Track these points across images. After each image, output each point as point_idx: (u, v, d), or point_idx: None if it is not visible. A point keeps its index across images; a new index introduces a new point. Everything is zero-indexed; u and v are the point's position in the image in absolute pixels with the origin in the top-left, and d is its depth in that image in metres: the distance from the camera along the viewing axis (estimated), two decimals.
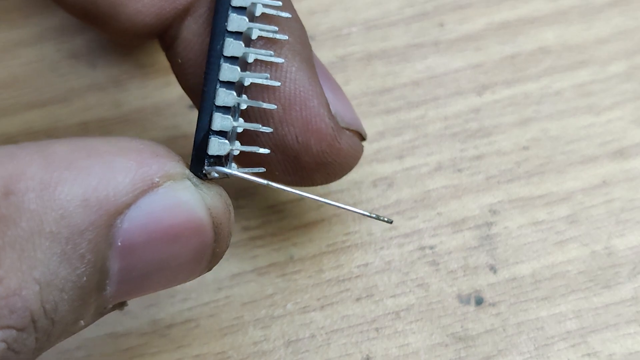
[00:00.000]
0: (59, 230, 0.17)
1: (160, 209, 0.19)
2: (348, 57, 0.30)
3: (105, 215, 0.18)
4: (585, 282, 0.26)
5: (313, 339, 0.26)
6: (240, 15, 0.20)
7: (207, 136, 0.20)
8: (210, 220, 0.20)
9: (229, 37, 0.20)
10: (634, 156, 0.28)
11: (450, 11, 0.31)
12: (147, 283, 0.20)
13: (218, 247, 0.20)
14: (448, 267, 0.27)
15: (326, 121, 0.22)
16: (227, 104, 0.20)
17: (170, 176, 0.19)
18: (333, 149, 0.22)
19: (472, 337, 0.26)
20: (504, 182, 0.28)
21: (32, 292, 0.17)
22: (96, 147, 0.19)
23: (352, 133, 0.24)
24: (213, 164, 0.20)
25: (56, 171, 0.18)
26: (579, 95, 0.29)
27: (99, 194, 0.18)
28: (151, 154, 0.19)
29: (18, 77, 0.29)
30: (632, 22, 0.31)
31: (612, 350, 0.25)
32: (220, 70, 0.20)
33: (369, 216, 0.22)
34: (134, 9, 0.22)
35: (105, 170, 0.18)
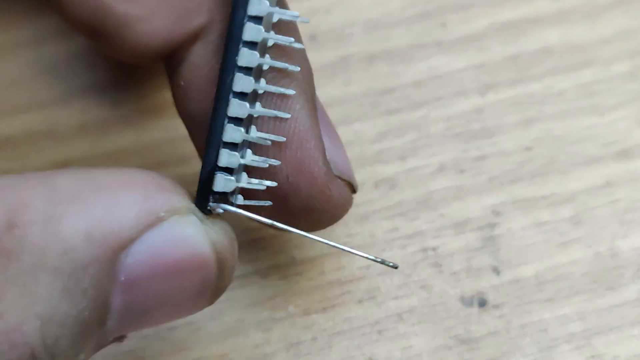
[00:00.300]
0: (62, 265, 0.17)
1: (165, 244, 0.18)
2: (350, 58, 0.30)
3: (110, 250, 0.18)
4: (589, 284, 0.26)
5: (315, 342, 0.26)
6: (251, 50, 0.20)
7: (213, 172, 0.20)
8: (215, 256, 0.19)
9: (239, 72, 0.20)
10: (638, 156, 0.28)
11: (453, 11, 0.31)
12: (149, 318, 0.19)
13: (221, 282, 0.20)
14: (451, 269, 0.26)
15: (320, 165, 0.22)
16: (235, 140, 0.20)
17: (175, 210, 0.19)
18: (323, 196, 0.22)
19: (476, 339, 0.25)
20: (507, 182, 0.28)
21: (33, 327, 0.17)
22: (101, 179, 0.18)
23: (344, 183, 0.23)
24: (218, 200, 0.20)
25: (60, 204, 0.17)
26: (583, 96, 0.29)
27: (103, 228, 0.18)
28: (157, 187, 0.19)
29: (17, 78, 0.29)
30: (636, 22, 0.30)
31: (616, 352, 0.25)
32: (230, 106, 0.20)
33: (375, 260, 0.22)
34: (143, 31, 0.22)
35: (110, 203, 0.18)
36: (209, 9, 0.22)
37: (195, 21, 0.22)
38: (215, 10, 0.22)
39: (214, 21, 0.22)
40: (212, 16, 0.22)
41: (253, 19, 0.20)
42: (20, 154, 0.28)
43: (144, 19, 0.21)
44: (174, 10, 0.22)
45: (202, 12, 0.22)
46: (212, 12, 0.22)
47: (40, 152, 0.28)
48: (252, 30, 0.20)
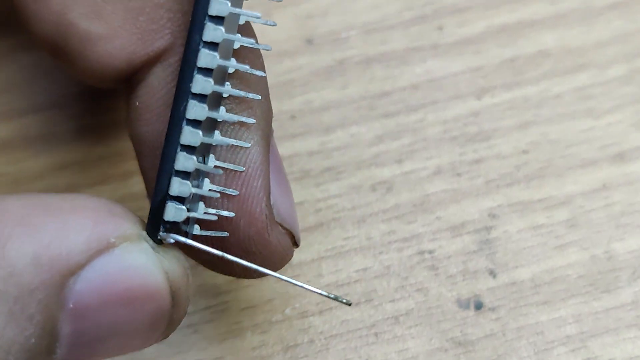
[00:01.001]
0: (7, 288, 0.17)
1: (116, 271, 0.18)
2: (347, 61, 0.30)
3: (57, 275, 0.17)
4: (585, 287, 0.26)
5: (312, 344, 0.26)
6: (206, 77, 0.19)
7: (164, 201, 0.19)
8: (168, 285, 0.19)
9: (193, 99, 0.19)
10: (634, 160, 0.28)
11: (450, 14, 0.31)
12: (100, 348, 0.19)
13: (175, 314, 0.19)
14: (447, 272, 0.27)
15: (262, 206, 0.21)
16: (187, 169, 0.19)
17: (126, 237, 0.18)
18: (260, 239, 0.21)
19: (472, 342, 0.26)
20: (504, 186, 0.28)
21: None
22: (51, 204, 0.18)
23: (285, 232, 0.22)
24: (169, 230, 0.19)
25: (7, 227, 0.17)
26: (579, 99, 0.29)
27: (51, 252, 0.17)
28: (107, 212, 0.18)
29: (14, 82, 0.29)
30: (632, 26, 0.31)
31: (612, 355, 0.25)
32: (182, 134, 0.19)
33: (327, 296, 0.21)
34: (105, 51, 0.21)
35: (60, 228, 0.17)
36: (171, 32, 0.21)
37: (157, 43, 0.21)
38: (177, 34, 0.21)
39: (175, 44, 0.21)
40: (175, 39, 0.21)
41: (209, 44, 0.19)
42: (16, 158, 0.28)
43: (106, 37, 0.21)
44: (137, 31, 0.21)
45: (165, 34, 0.21)
46: (175, 36, 0.21)
47: (37, 156, 0.28)
48: (206, 57, 0.19)
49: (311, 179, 0.28)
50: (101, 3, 0.21)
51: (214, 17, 0.19)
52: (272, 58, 0.29)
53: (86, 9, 0.21)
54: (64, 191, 0.27)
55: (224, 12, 0.19)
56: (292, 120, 0.29)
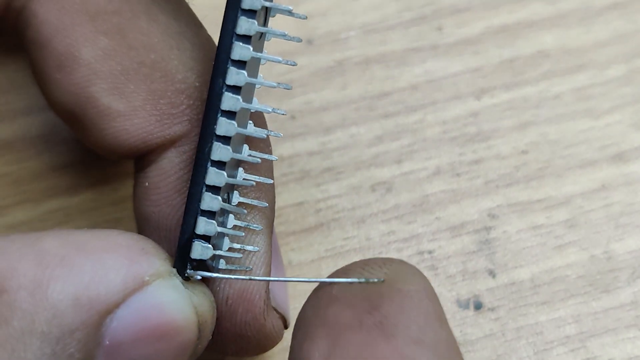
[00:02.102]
0: (50, 330, 0.17)
1: (149, 308, 0.18)
2: (346, 61, 0.30)
3: (96, 315, 0.18)
4: (585, 287, 0.26)
5: None
6: (229, 120, 0.19)
7: (190, 239, 0.20)
8: (196, 319, 0.19)
9: (217, 141, 0.19)
10: (633, 160, 0.28)
11: (449, 15, 0.31)
12: None
13: (200, 345, 0.20)
14: (447, 272, 0.27)
15: (261, 294, 0.21)
16: (212, 209, 0.20)
17: (159, 274, 0.19)
18: (257, 324, 0.21)
19: (471, 341, 0.26)
20: (503, 186, 0.28)
21: None
22: (87, 243, 0.18)
23: (279, 316, 0.23)
24: (196, 267, 0.20)
25: (48, 268, 0.17)
26: (578, 99, 0.29)
27: (90, 292, 0.17)
28: (140, 250, 0.19)
29: (15, 82, 0.29)
30: (631, 26, 0.31)
31: (611, 355, 0.25)
32: (207, 174, 0.20)
33: (358, 282, 0.21)
34: (122, 127, 0.21)
35: (97, 268, 0.18)
36: (189, 119, 0.21)
37: (175, 127, 0.22)
38: (195, 122, 0.22)
39: (192, 132, 0.22)
40: (192, 127, 0.22)
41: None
42: (19, 158, 0.28)
43: (125, 115, 0.21)
44: (156, 113, 0.21)
45: (183, 120, 0.21)
46: (192, 123, 0.22)
47: (39, 156, 0.28)
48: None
49: (311, 180, 0.28)
50: (124, 81, 0.21)
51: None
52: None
53: (109, 85, 0.21)
54: (65, 191, 0.27)
55: (245, 57, 0.19)
56: (292, 120, 0.29)
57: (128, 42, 0.21)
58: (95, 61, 0.21)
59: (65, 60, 0.22)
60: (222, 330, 0.21)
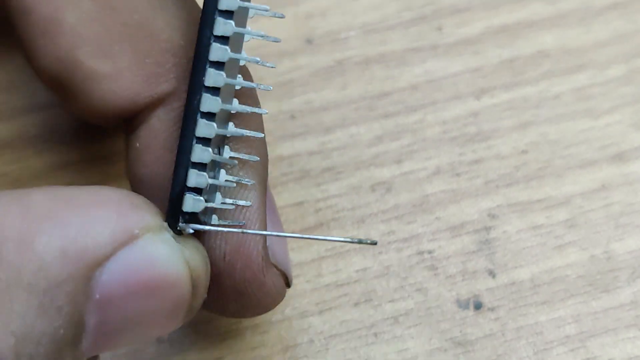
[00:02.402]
0: (37, 282, 0.17)
1: (139, 262, 0.18)
2: (346, 61, 0.30)
3: (85, 267, 0.17)
4: (584, 287, 0.26)
5: (311, 344, 0.26)
6: (218, 70, 0.19)
7: (182, 192, 0.20)
8: (189, 274, 0.19)
9: (206, 92, 0.19)
10: (633, 160, 0.28)
11: (449, 15, 0.31)
12: (123, 337, 0.19)
13: (194, 302, 0.20)
14: (447, 272, 0.27)
15: (259, 249, 0.21)
16: (203, 161, 0.20)
17: (149, 228, 0.19)
18: (256, 281, 0.21)
19: (471, 342, 0.26)
20: (503, 186, 0.28)
21: (7, 345, 0.17)
22: (75, 197, 0.18)
23: (279, 273, 0.23)
24: (188, 221, 0.20)
25: (34, 222, 0.17)
26: (578, 99, 0.29)
27: (78, 245, 0.17)
28: (130, 205, 0.19)
29: (14, 81, 0.29)
30: (631, 26, 0.31)
31: (611, 355, 0.25)
32: (197, 126, 0.20)
33: (351, 242, 0.21)
34: (109, 90, 0.21)
35: (85, 221, 0.18)
36: (176, 77, 0.21)
37: (162, 86, 0.21)
38: (182, 80, 0.21)
39: (179, 90, 0.22)
40: (179, 84, 0.21)
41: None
42: (18, 157, 0.28)
43: (112, 77, 0.21)
44: (143, 73, 0.21)
45: (170, 78, 0.21)
46: (179, 81, 0.21)
47: (39, 155, 0.28)
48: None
49: (311, 179, 0.28)
50: (109, 43, 0.21)
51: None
52: (272, 58, 0.29)
53: (94, 47, 0.21)
54: None
55: (232, 11, 0.19)
56: (291, 120, 0.29)
57: (111, 4, 0.21)
58: (80, 24, 0.21)
59: (49, 25, 0.21)
60: (221, 288, 0.21)
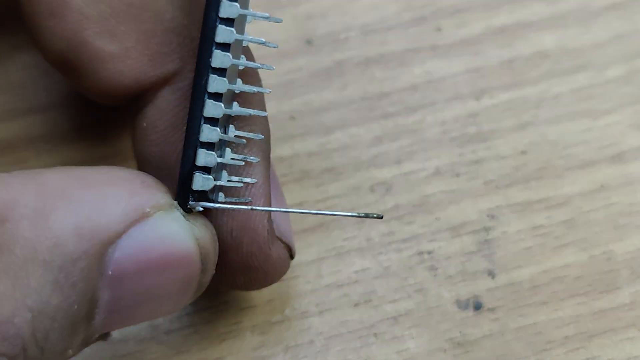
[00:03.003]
0: (52, 258, 0.17)
1: (151, 239, 0.19)
2: (346, 62, 0.30)
3: (98, 244, 0.18)
4: (584, 287, 0.26)
5: (312, 345, 0.26)
6: (224, 52, 0.20)
7: (191, 172, 0.20)
8: (198, 251, 0.20)
9: (213, 73, 0.20)
10: (633, 160, 0.28)
11: (448, 16, 0.31)
12: (134, 313, 0.20)
13: (204, 278, 0.20)
14: (446, 272, 0.27)
15: (264, 223, 0.22)
16: (211, 140, 0.20)
17: (160, 206, 0.19)
18: (262, 254, 0.22)
19: (471, 342, 0.26)
20: (502, 186, 0.28)
21: (24, 320, 0.17)
22: (88, 177, 0.19)
23: (284, 246, 0.23)
24: (197, 199, 0.20)
25: (49, 199, 0.18)
26: (577, 100, 0.29)
27: (92, 222, 0.18)
28: (141, 184, 0.19)
29: (15, 82, 0.29)
30: (631, 26, 0.31)
31: (611, 355, 0.25)
32: (205, 107, 0.20)
33: (358, 216, 0.22)
34: (116, 69, 0.22)
35: (98, 199, 0.18)
36: (180, 56, 0.22)
37: (167, 66, 0.22)
38: (186, 59, 0.22)
39: (184, 69, 0.22)
40: (184, 64, 0.22)
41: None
42: (19, 158, 0.28)
43: (118, 57, 0.22)
44: (148, 53, 0.22)
45: (175, 58, 0.22)
46: (184, 61, 0.22)
47: (39, 156, 0.28)
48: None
49: (311, 180, 0.28)
50: (115, 23, 0.22)
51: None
52: (272, 59, 0.29)
53: (100, 28, 0.22)
54: None
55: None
56: (291, 121, 0.29)
57: None
58: (86, 5, 0.21)
59: (56, 6, 0.22)
60: (229, 263, 0.22)
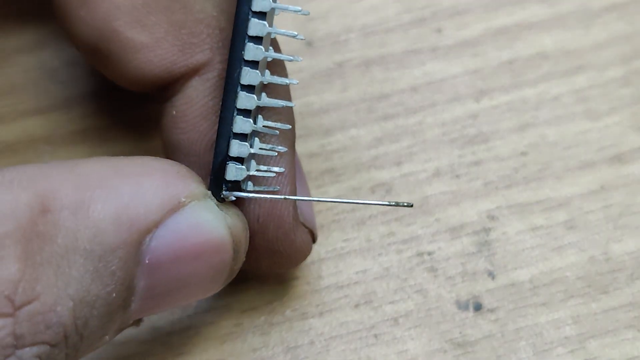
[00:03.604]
0: (93, 247, 0.18)
1: (186, 228, 0.19)
2: (346, 64, 0.30)
3: (136, 234, 0.18)
4: (584, 288, 0.26)
5: (312, 346, 0.26)
6: (257, 45, 0.20)
7: (224, 162, 0.21)
8: (231, 240, 0.20)
9: (245, 65, 0.20)
10: (632, 161, 0.28)
11: (448, 17, 0.31)
12: (169, 300, 0.20)
13: (235, 265, 0.21)
14: (446, 273, 0.27)
15: (290, 210, 0.22)
16: (244, 131, 0.21)
17: (194, 196, 0.20)
18: (287, 239, 0.23)
19: (471, 343, 0.26)
20: (502, 187, 0.28)
21: (66, 308, 0.18)
22: (124, 167, 0.19)
23: (307, 231, 0.24)
24: (230, 189, 0.21)
25: (89, 190, 0.18)
26: (577, 101, 0.29)
27: (130, 212, 0.18)
28: (176, 174, 0.20)
29: (17, 84, 0.29)
30: (630, 27, 0.31)
31: (610, 356, 0.25)
32: (238, 98, 0.21)
33: (388, 204, 0.22)
34: (146, 59, 0.22)
35: (135, 189, 0.19)
36: (210, 47, 0.22)
37: (197, 56, 0.22)
38: (216, 50, 0.22)
39: (214, 60, 0.22)
40: (213, 55, 0.22)
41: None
42: (20, 160, 0.28)
43: (149, 46, 0.22)
44: (178, 43, 0.22)
45: (204, 49, 0.22)
46: (214, 52, 0.22)
47: (41, 158, 0.28)
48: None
49: (311, 181, 0.28)
50: (146, 14, 0.22)
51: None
52: None
53: (131, 18, 0.22)
54: None
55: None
56: None
57: None
58: None
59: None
60: (256, 247, 0.22)
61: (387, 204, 0.22)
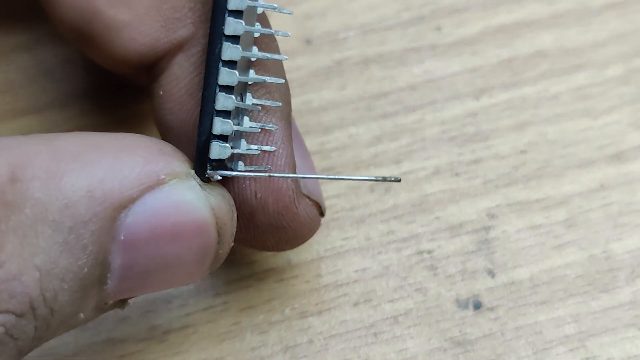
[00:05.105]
0: (62, 219, 0.17)
1: (165, 206, 0.19)
2: (345, 62, 0.30)
3: (110, 208, 0.18)
4: (584, 286, 0.26)
5: (311, 344, 0.26)
6: (237, 19, 0.20)
7: (208, 140, 0.20)
8: (214, 221, 0.20)
9: (226, 41, 0.20)
10: (632, 159, 0.28)
11: (447, 15, 0.31)
12: (148, 281, 0.20)
13: (221, 249, 0.20)
14: (446, 272, 0.27)
15: (288, 182, 0.22)
16: (227, 108, 0.20)
17: (176, 174, 0.19)
18: (289, 213, 0.22)
19: (471, 341, 0.26)
20: (502, 186, 0.28)
21: (32, 278, 0.17)
22: (103, 142, 0.19)
23: (312, 203, 0.23)
24: (215, 167, 0.20)
25: (63, 162, 0.18)
26: (577, 99, 0.29)
27: (104, 186, 0.18)
28: (158, 151, 0.19)
29: (14, 82, 0.29)
30: (629, 26, 0.31)
31: (610, 354, 0.25)
32: (219, 74, 0.20)
33: (376, 180, 0.22)
34: (129, 37, 0.22)
35: (112, 164, 0.18)
36: (193, 21, 0.22)
37: (180, 32, 0.22)
38: (199, 25, 0.22)
39: (197, 35, 0.22)
40: (197, 30, 0.22)
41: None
42: None
43: (131, 24, 0.22)
44: (161, 19, 0.22)
45: (187, 24, 0.22)
46: (197, 26, 0.22)
47: None
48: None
49: None
50: None
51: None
52: None
53: None
54: None
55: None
56: None
57: None
58: None
59: None
60: (259, 225, 0.22)
61: (373, 179, 0.22)
